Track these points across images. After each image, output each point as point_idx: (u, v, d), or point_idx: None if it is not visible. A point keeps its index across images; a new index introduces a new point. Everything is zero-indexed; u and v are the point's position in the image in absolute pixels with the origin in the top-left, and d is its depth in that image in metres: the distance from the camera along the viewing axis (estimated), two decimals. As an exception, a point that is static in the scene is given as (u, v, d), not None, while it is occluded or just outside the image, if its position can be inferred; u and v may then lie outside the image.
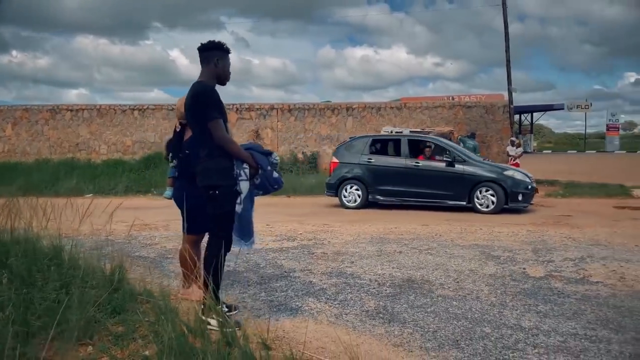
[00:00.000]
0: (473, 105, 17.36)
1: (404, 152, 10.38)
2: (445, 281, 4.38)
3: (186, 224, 3.76)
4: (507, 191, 9.39)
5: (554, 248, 5.82)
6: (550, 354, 2.83)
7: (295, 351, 2.73)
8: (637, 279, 4.40)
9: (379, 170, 10.34)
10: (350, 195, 10.44)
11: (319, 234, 6.87)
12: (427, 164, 10.21)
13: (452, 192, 9.73)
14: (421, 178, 10.00)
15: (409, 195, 10.08)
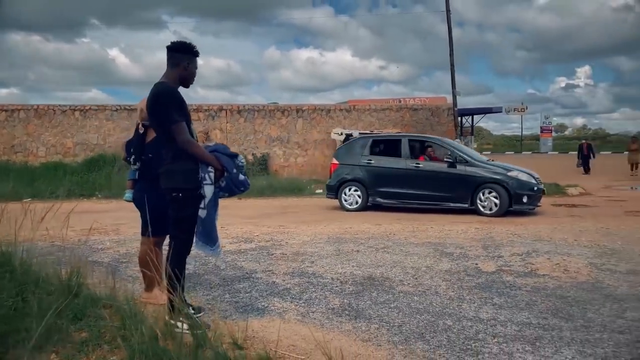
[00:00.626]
0: (419, 107, 17.88)
1: (404, 153, 10.00)
2: (404, 278, 4.52)
3: (148, 226, 3.70)
4: (510, 193, 8.99)
5: (501, 244, 6.11)
6: (510, 342, 3.00)
7: (268, 350, 2.77)
8: (579, 271, 4.71)
9: (379, 172, 10.04)
10: (350, 198, 10.17)
11: (275, 235, 6.89)
12: (428, 165, 9.84)
13: (454, 194, 9.39)
14: (422, 180, 9.66)
15: (410, 198, 9.76)
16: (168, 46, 3.19)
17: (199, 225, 3.28)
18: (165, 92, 3.06)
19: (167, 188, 3.16)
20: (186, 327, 3.13)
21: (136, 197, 3.81)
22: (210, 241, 3.31)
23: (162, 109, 3.04)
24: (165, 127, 3.06)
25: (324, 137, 17.14)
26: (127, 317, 3.17)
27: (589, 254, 5.44)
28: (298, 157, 17.21)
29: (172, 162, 3.14)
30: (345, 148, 10.91)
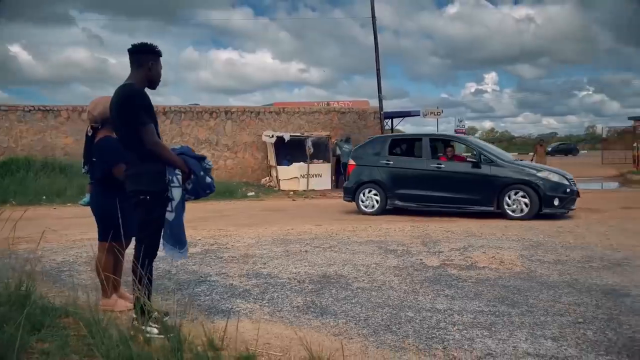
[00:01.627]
0: (347, 111, 18.31)
1: (425, 153, 9.51)
2: (357, 275, 4.70)
3: (104, 231, 3.62)
4: (540, 195, 8.42)
5: (438, 240, 6.48)
6: (469, 329, 3.25)
7: (246, 349, 2.82)
8: (513, 262, 5.13)
9: (398, 173, 9.60)
10: (367, 201, 9.76)
11: (219, 239, 6.84)
12: (451, 165, 9.33)
13: (479, 197, 8.83)
14: (444, 181, 9.14)
15: (431, 200, 9.26)
16: (130, 49, 3.17)
17: (167, 228, 3.25)
18: (135, 94, 3.03)
19: (135, 191, 3.11)
20: (156, 332, 3.11)
21: (91, 202, 3.70)
22: (180, 244, 3.30)
23: (132, 110, 3.00)
24: (134, 129, 3.01)
25: (254, 140, 17.08)
26: (92, 325, 3.09)
27: (518, 247, 5.92)
28: (227, 159, 17.01)
29: (139, 165, 3.10)
30: (362, 148, 10.43)
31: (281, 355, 2.85)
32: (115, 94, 3.13)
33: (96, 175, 3.59)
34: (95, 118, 3.56)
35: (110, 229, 3.57)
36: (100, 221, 3.63)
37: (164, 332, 3.10)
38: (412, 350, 2.92)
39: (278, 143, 16.00)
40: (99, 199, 3.61)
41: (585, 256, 5.36)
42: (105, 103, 3.56)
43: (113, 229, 3.56)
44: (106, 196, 3.55)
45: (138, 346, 2.84)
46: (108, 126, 3.55)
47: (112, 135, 3.60)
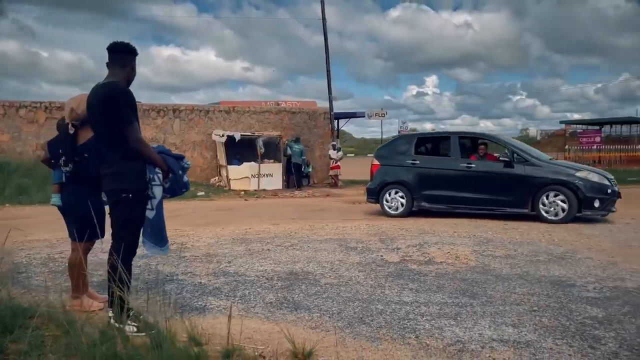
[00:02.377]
0: (297, 111, 18.42)
1: (454, 152, 9.02)
2: (323, 271, 4.83)
3: (80, 231, 3.56)
4: (579, 196, 7.89)
5: (394, 238, 6.73)
6: (436, 319, 3.45)
7: (229, 343, 2.89)
8: (468, 257, 5.43)
9: (425, 173, 9.13)
10: (392, 202, 9.30)
11: (176, 238, 6.76)
12: (482, 164, 8.85)
13: (512, 198, 8.34)
14: (475, 181, 8.67)
15: (460, 202, 8.80)
16: (110, 48, 3.17)
17: (147, 226, 3.27)
18: (123, 92, 3.05)
19: (116, 189, 3.11)
20: (135, 330, 3.12)
21: (67, 201, 3.62)
22: (161, 242, 3.33)
23: (118, 108, 3.01)
24: (119, 127, 3.02)
25: (203, 139, 16.86)
26: (67, 325, 3.07)
27: (470, 243, 6.25)
28: (176, 158, 16.69)
29: (121, 163, 3.11)
30: (387, 147, 10.01)
31: (264, 348, 2.94)
32: (95, 92, 3.11)
33: (88, 174, 3.49)
34: (79, 116, 3.47)
35: (91, 229, 3.51)
36: (81, 222, 3.54)
37: (144, 330, 3.12)
38: (387, 340, 3.08)
39: (228, 142, 15.88)
40: (81, 200, 3.51)
41: (532, 251, 5.75)
42: (85, 100, 3.51)
43: (95, 229, 3.51)
44: (90, 197, 3.49)
45: (119, 345, 2.84)
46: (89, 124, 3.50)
47: None
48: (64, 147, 3.55)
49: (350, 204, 12.16)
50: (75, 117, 3.53)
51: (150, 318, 3.33)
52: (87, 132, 3.50)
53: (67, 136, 3.55)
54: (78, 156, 3.50)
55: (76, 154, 3.51)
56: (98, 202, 3.57)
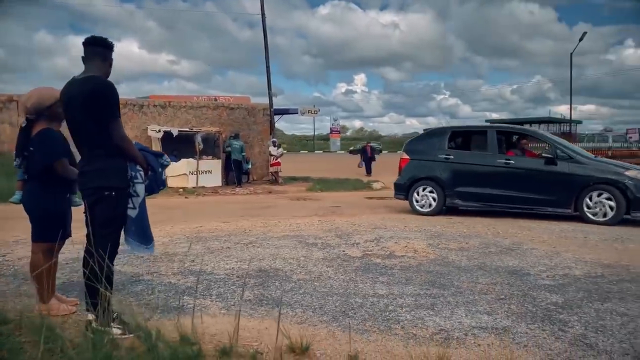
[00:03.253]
0: (236, 107, 18.19)
1: (491, 147, 8.59)
2: (292, 268, 4.86)
3: (39, 231, 3.40)
4: (629, 197, 7.47)
5: (350, 233, 6.87)
6: (415, 309, 3.60)
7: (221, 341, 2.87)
8: (425, 250, 5.66)
9: (460, 169, 8.71)
10: (423, 199, 8.94)
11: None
12: (521, 161, 8.43)
13: (554, 197, 7.97)
14: (513, 179, 8.30)
15: (497, 200, 8.41)
16: (92, 41, 3.07)
17: (131, 226, 3.16)
18: (109, 87, 2.96)
19: (98, 187, 2.99)
20: (119, 332, 3.02)
21: (26, 200, 3.43)
22: (146, 240, 3.24)
23: (105, 103, 2.91)
24: (104, 123, 2.92)
25: (137, 134, 16.21)
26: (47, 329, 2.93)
27: (423, 237, 6.51)
28: (108, 155, 15.98)
29: (103, 160, 3.00)
30: (418, 141, 9.56)
31: (257, 345, 2.94)
32: (76, 86, 2.97)
33: (34, 169, 3.34)
34: (29, 110, 3.33)
35: (50, 229, 3.39)
36: (38, 221, 3.37)
37: (129, 332, 3.03)
38: (375, 332, 3.18)
39: (165, 138, 15.41)
40: (37, 197, 3.37)
41: (482, 243, 6.09)
42: (40, 94, 3.37)
43: (55, 229, 3.39)
44: (47, 193, 3.34)
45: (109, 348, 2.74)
46: (45, 118, 3.34)
47: (52, 127, 3.39)
48: (17, 142, 3.41)
49: (296, 200, 12.23)
50: (26, 111, 3.40)
51: (131, 320, 3.24)
52: (40, 126, 3.36)
53: (20, 130, 3.41)
54: (27, 151, 3.36)
55: (26, 148, 3.37)
56: (54, 201, 3.40)
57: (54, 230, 3.35)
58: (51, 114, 3.34)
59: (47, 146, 3.28)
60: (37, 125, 3.37)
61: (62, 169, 3.29)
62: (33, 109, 3.32)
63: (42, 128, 3.30)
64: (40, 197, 3.37)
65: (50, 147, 3.29)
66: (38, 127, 3.35)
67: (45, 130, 3.32)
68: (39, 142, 3.30)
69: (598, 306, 3.66)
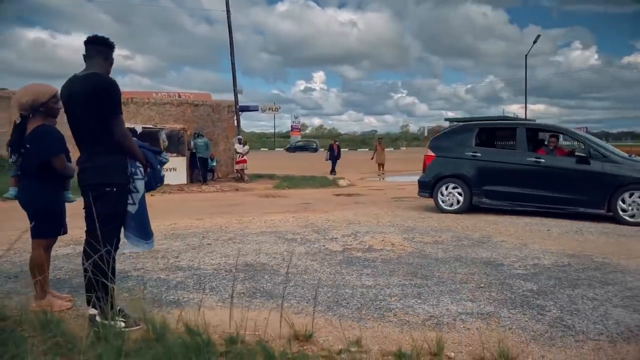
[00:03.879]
0: (200, 104, 18.01)
1: (520, 145, 8.41)
2: (277, 262, 4.98)
3: (39, 227, 3.41)
4: None
5: (326, 229, 7.03)
6: (404, 299, 3.79)
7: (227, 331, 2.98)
8: (402, 244, 5.88)
9: (488, 167, 8.51)
10: (448, 197, 8.74)
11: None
12: (552, 160, 8.22)
13: (586, 197, 7.75)
14: (543, 178, 8.10)
15: (527, 200, 8.22)
16: (100, 42, 3.15)
17: (131, 221, 3.21)
18: (112, 84, 3.03)
19: (99, 183, 3.04)
20: (124, 325, 3.08)
21: (22, 196, 3.42)
22: (145, 235, 3.29)
23: (109, 100, 2.98)
24: (106, 119, 2.97)
25: (98, 131, 15.87)
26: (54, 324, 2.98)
27: (397, 232, 6.74)
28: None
29: (104, 157, 3.05)
30: (444, 138, 9.34)
31: (260, 334, 3.05)
32: (79, 82, 3.02)
33: (31, 166, 3.33)
34: (24, 105, 3.32)
35: (50, 225, 3.42)
36: (37, 218, 3.38)
37: (133, 325, 3.09)
38: (370, 319, 3.35)
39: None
40: (35, 195, 3.37)
41: (453, 237, 6.37)
42: (35, 90, 3.38)
43: (54, 225, 3.43)
44: (44, 190, 3.37)
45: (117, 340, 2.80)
46: (40, 114, 3.35)
47: (48, 123, 3.40)
48: (12, 139, 3.41)
49: (264, 197, 12.29)
50: (20, 107, 3.40)
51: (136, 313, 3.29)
52: (36, 122, 3.37)
53: (14, 127, 3.40)
54: (23, 147, 3.36)
55: (22, 145, 3.37)
56: (53, 198, 3.45)
57: (53, 226, 3.39)
58: (47, 110, 3.35)
59: (45, 142, 3.29)
60: (32, 121, 3.36)
61: (60, 165, 3.31)
62: (28, 105, 3.31)
63: (39, 124, 3.31)
64: (38, 194, 3.39)
65: (48, 143, 3.30)
66: (34, 124, 3.35)
67: (42, 126, 3.32)
68: (37, 138, 3.31)
69: (569, 292, 3.96)
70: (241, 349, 2.80)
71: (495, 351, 2.67)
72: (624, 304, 3.66)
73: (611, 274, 4.52)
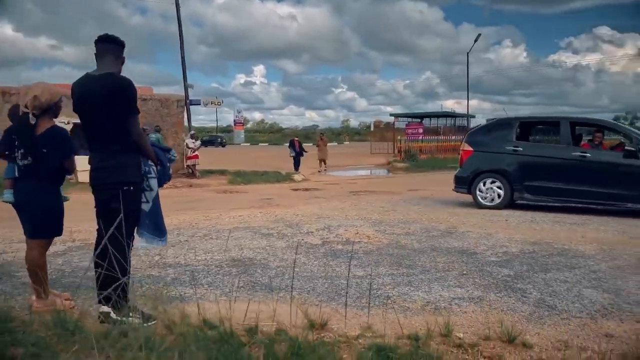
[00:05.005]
0: (149, 98, 17.55)
1: (564, 139, 8.24)
2: (264, 256, 5.07)
3: (44, 227, 3.37)
4: None
5: (297, 223, 7.16)
6: (397, 287, 4.01)
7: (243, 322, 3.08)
8: (376, 236, 6.13)
9: (530, 162, 8.34)
10: (488, 193, 8.57)
11: (68, 235, 6.31)
12: (599, 154, 8.06)
13: (634, 192, 7.58)
14: (589, 173, 7.92)
15: (571, 195, 8.06)
16: (112, 40, 3.17)
17: (145, 219, 3.25)
18: (129, 84, 3.07)
19: (117, 182, 3.05)
20: (138, 321, 3.11)
21: (24, 197, 3.36)
22: (159, 232, 3.33)
23: (128, 100, 3.01)
24: (124, 119, 3.00)
25: (40, 126, 15.13)
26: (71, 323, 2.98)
27: (367, 225, 6.99)
28: (7, 148, 14.70)
29: (121, 156, 3.07)
30: (482, 132, 9.13)
31: (274, 324, 3.17)
32: (95, 82, 3.03)
33: (49, 168, 3.27)
34: (43, 105, 3.23)
35: (55, 224, 3.41)
36: (44, 217, 3.34)
37: (152, 319, 3.14)
38: (373, 307, 3.53)
39: (74, 130, 14.51)
40: (45, 196, 3.34)
41: (422, 228, 6.70)
42: (49, 90, 3.32)
43: (59, 224, 3.42)
44: (55, 191, 3.38)
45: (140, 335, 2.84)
46: (50, 114, 3.30)
47: (55, 124, 3.38)
48: (23, 139, 3.30)
49: (222, 193, 12.25)
50: (38, 105, 3.30)
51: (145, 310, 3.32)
52: (45, 122, 3.31)
53: (27, 127, 3.29)
54: (38, 149, 3.29)
55: (35, 146, 3.29)
56: (59, 198, 3.45)
57: (58, 225, 3.37)
58: (56, 110, 3.31)
59: (66, 144, 3.29)
60: (42, 121, 3.29)
61: (72, 165, 3.30)
62: (46, 105, 3.24)
63: (51, 125, 3.27)
64: (49, 194, 3.38)
65: (68, 145, 3.32)
66: (45, 124, 3.29)
67: (56, 127, 3.31)
68: (56, 140, 3.27)
69: (543, 276, 4.34)
70: (263, 339, 2.92)
71: (498, 330, 2.93)
72: (593, 285, 4.06)
73: (574, 258, 4.96)
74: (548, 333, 3.07)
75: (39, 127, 3.27)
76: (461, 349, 2.81)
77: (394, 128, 28.95)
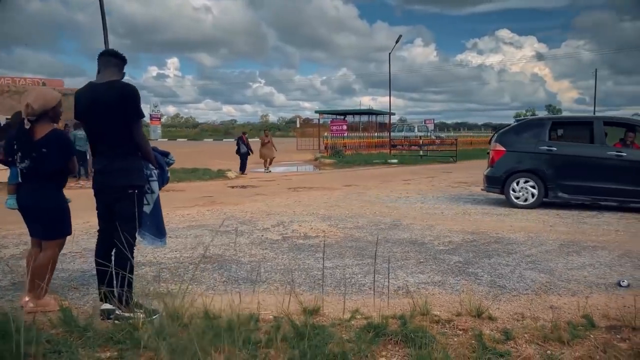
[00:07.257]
0: (70, 93, 16.71)
1: (598, 139, 8.35)
2: (232, 253, 5.29)
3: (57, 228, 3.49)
4: None
5: (250, 220, 7.40)
6: (368, 275, 4.41)
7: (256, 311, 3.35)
8: (331, 231, 6.52)
9: (564, 161, 8.39)
10: (522, 193, 8.61)
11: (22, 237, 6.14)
12: (634, 153, 8.18)
13: None
14: (625, 172, 8.09)
15: (607, 194, 8.21)
16: (117, 55, 3.38)
17: (146, 221, 3.41)
18: (135, 91, 3.26)
19: (123, 185, 3.21)
20: (142, 316, 3.29)
21: (26, 201, 3.43)
22: (160, 234, 3.49)
23: (133, 105, 3.18)
24: (130, 124, 3.16)
25: (-51, 122, 14.03)
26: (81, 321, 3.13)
27: (318, 220, 7.37)
28: None
29: (126, 159, 3.23)
30: (514, 132, 9.09)
31: (269, 312, 3.46)
32: (103, 89, 3.16)
33: (49, 169, 3.37)
34: (36, 111, 3.31)
35: (66, 223, 3.59)
36: (56, 218, 3.47)
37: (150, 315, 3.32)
38: (353, 293, 3.93)
39: None
40: (53, 197, 3.46)
41: (370, 222, 7.19)
42: (45, 94, 3.42)
43: (69, 222, 3.55)
44: (59, 191, 3.51)
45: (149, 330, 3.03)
46: (48, 118, 3.38)
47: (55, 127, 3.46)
48: (20, 143, 3.38)
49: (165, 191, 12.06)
50: (31, 112, 3.39)
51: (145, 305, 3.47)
52: (44, 127, 3.40)
53: (23, 132, 3.37)
54: (36, 152, 3.37)
55: (34, 149, 3.37)
56: (62, 197, 3.55)
57: (68, 225, 3.51)
58: (54, 114, 3.39)
59: (64, 146, 3.39)
60: (38, 126, 3.36)
61: (74, 166, 3.40)
62: (40, 111, 3.32)
63: (52, 129, 3.35)
64: (56, 196, 3.51)
65: (67, 146, 3.42)
66: (45, 128, 3.36)
67: (57, 130, 3.41)
68: (57, 142, 3.36)
69: (488, 261, 4.95)
70: (264, 326, 3.21)
71: (468, 307, 3.43)
72: (530, 267, 4.72)
73: (509, 245, 5.66)
74: (506, 308, 3.62)
75: (36, 133, 3.35)
76: (439, 324, 3.27)
77: (320, 124, 29.56)
